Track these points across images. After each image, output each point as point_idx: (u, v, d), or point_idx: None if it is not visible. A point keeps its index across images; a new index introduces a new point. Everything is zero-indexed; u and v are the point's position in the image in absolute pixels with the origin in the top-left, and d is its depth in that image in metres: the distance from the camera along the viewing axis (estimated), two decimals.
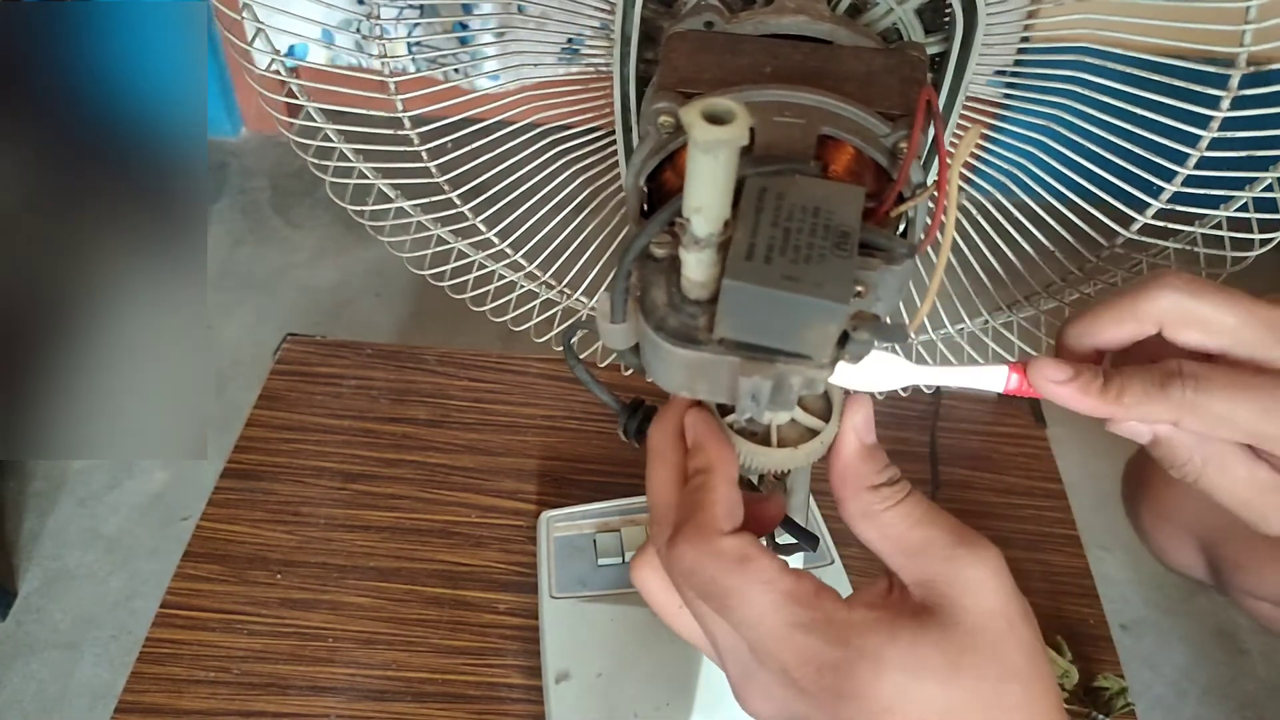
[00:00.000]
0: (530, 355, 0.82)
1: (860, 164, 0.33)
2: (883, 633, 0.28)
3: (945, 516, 0.30)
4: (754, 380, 0.27)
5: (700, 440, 0.32)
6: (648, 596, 0.33)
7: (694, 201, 0.25)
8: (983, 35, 0.39)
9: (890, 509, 0.30)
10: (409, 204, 0.48)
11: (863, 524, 0.31)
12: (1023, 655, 0.28)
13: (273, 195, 2.09)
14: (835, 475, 0.31)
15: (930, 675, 0.27)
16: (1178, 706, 1.39)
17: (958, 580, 0.28)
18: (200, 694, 0.60)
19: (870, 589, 0.31)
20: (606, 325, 0.30)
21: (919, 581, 0.29)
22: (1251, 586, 0.49)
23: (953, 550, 0.29)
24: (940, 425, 0.79)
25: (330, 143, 0.45)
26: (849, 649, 0.28)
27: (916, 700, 0.27)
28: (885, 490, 0.30)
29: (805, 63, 0.35)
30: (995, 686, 0.28)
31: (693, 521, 0.30)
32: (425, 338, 1.76)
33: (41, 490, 1.51)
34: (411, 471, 0.74)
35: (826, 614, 0.28)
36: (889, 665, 0.27)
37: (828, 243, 0.26)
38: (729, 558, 0.29)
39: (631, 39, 0.40)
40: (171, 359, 0.46)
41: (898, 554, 0.30)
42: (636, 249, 0.28)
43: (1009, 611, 0.28)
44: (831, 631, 0.28)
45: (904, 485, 0.31)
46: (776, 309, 0.26)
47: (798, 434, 0.32)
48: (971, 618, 0.28)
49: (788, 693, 0.29)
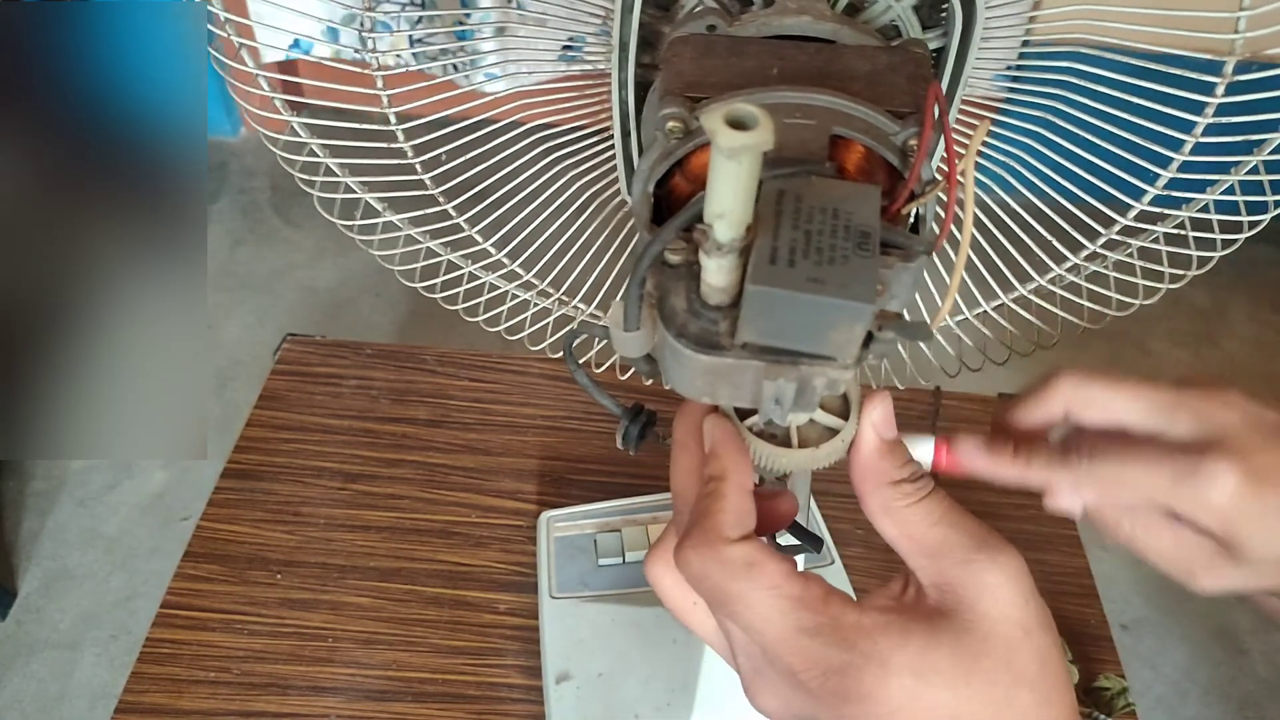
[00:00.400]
0: (530, 355, 0.82)
1: (871, 162, 0.33)
2: (893, 636, 0.28)
3: (966, 517, 0.30)
4: (778, 384, 0.27)
5: (716, 447, 0.32)
6: (661, 593, 0.33)
7: (716, 207, 0.25)
8: (981, 30, 0.39)
9: (911, 505, 0.30)
10: (397, 217, 0.48)
11: (883, 520, 0.31)
12: (1036, 662, 0.28)
13: (273, 195, 2.08)
14: (856, 471, 0.31)
15: (940, 680, 0.27)
16: (1178, 706, 1.39)
17: (974, 585, 0.28)
18: (200, 694, 0.60)
19: (883, 590, 0.31)
20: (620, 334, 0.30)
21: (936, 584, 0.29)
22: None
23: (971, 554, 0.29)
24: (940, 425, 0.79)
25: (316, 158, 0.45)
26: (856, 653, 0.28)
27: (925, 704, 0.27)
28: (906, 486, 0.30)
29: (811, 63, 0.35)
30: (1006, 693, 0.28)
31: (701, 528, 0.30)
32: (425, 338, 1.76)
33: (41, 490, 1.51)
34: (411, 471, 0.74)
35: (834, 618, 0.28)
36: (897, 669, 0.27)
37: (849, 243, 0.26)
38: (736, 565, 0.29)
39: (630, 45, 0.39)
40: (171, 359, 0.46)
41: (917, 553, 0.30)
42: (651, 256, 0.28)
43: (1025, 618, 0.28)
44: (839, 636, 0.28)
45: (926, 483, 0.31)
46: (802, 312, 0.26)
47: (817, 434, 0.32)
48: (986, 624, 0.28)
49: (796, 693, 0.29)
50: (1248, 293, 2.02)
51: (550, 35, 0.43)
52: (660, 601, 0.34)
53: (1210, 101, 0.41)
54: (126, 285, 0.45)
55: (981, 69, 0.42)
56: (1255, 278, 2.02)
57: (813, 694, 0.28)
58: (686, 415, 0.34)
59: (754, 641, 0.30)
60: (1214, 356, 1.93)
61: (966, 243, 0.29)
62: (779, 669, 0.29)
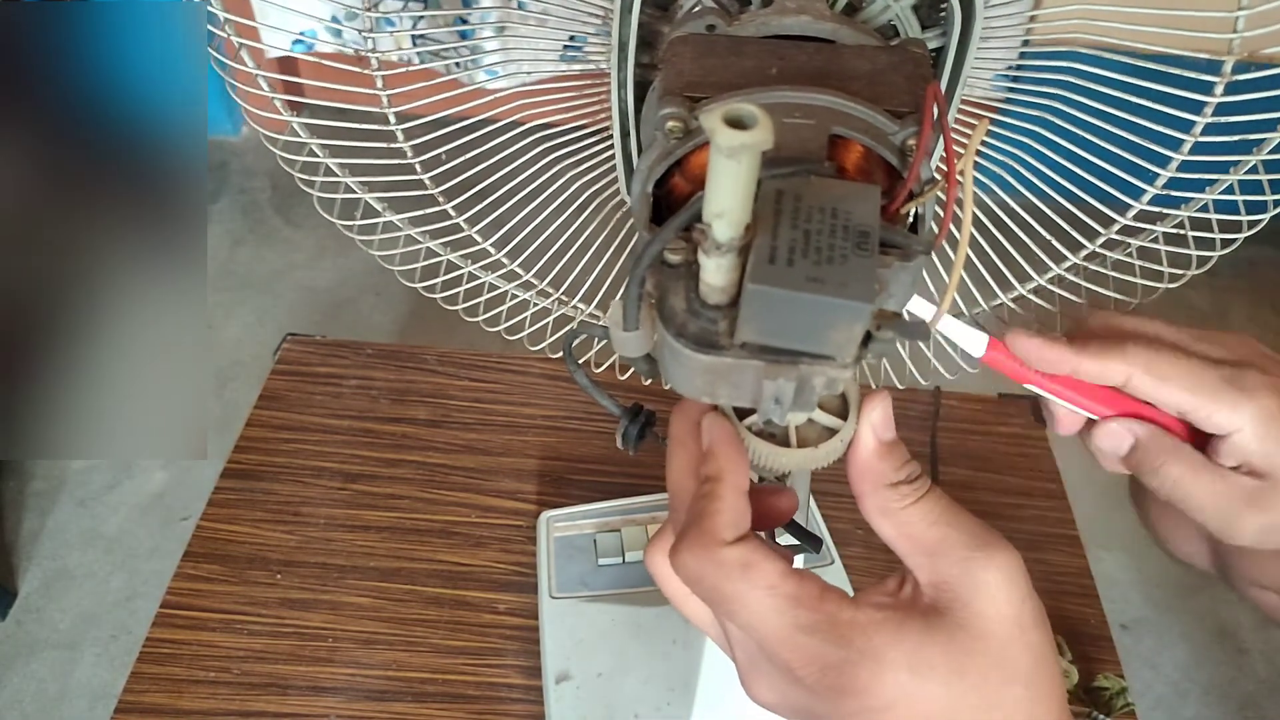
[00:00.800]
0: (530, 355, 0.82)
1: (869, 162, 0.33)
2: (888, 632, 0.28)
3: (964, 516, 0.30)
4: (777, 383, 0.27)
5: (714, 447, 0.32)
6: (660, 583, 0.33)
7: (715, 207, 0.25)
8: (980, 30, 0.39)
9: (908, 506, 0.30)
10: (397, 217, 0.48)
11: (881, 521, 0.31)
12: (1029, 658, 0.29)
13: (273, 195, 2.08)
14: (854, 472, 0.32)
15: (933, 675, 0.28)
16: (1178, 706, 1.39)
17: (971, 584, 0.29)
18: (200, 694, 0.60)
19: (879, 587, 0.31)
20: (619, 333, 0.30)
21: (933, 583, 0.29)
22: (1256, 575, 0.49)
23: (968, 553, 0.29)
24: (940, 425, 0.79)
25: (316, 158, 0.45)
26: (851, 649, 0.28)
27: (918, 699, 0.28)
28: (904, 488, 0.31)
29: (810, 63, 0.35)
30: (999, 689, 0.28)
31: (697, 530, 0.30)
32: (425, 338, 1.76)
33: (41, 490, 1.51)
34: (411, 471, 0.74)
35: (829, 615, 0.29)
36: (891, 664, 0.28)
37: (848, 243, 0.26)
38: (731, 566, 0.29)
39: (629, 44, 0.39)
40: (171, 359, 0.46)
41: (915, 553, 0.30)
42: (650, 256, 0.28)
43: (1020, 615, 0.29)
44: (835, 632, 0.28)
45: (923, 482, 0.31)
46: (801, 311, 0.26)
47: (816, 433, 0.32)
48: (982, 622, 0.28)
49: (793, 688, 0.30)
50: (1248, 294, 2.02)
51: (551, 35, 0.43)
52: (660, 594, 0.34)
53: (1209, 100, 0.41)
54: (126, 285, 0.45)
55: (981, 69, 0.42)
56: (1255, 279, 2.02)
57: (809, 689, 0.29)
58: (683, 412, 0.34)
59: (751, 638, 0.30)
60: None
61: (965, 241, 0.29)
62: (776, 664, 0.30)
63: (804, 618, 0.29)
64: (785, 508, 0.35)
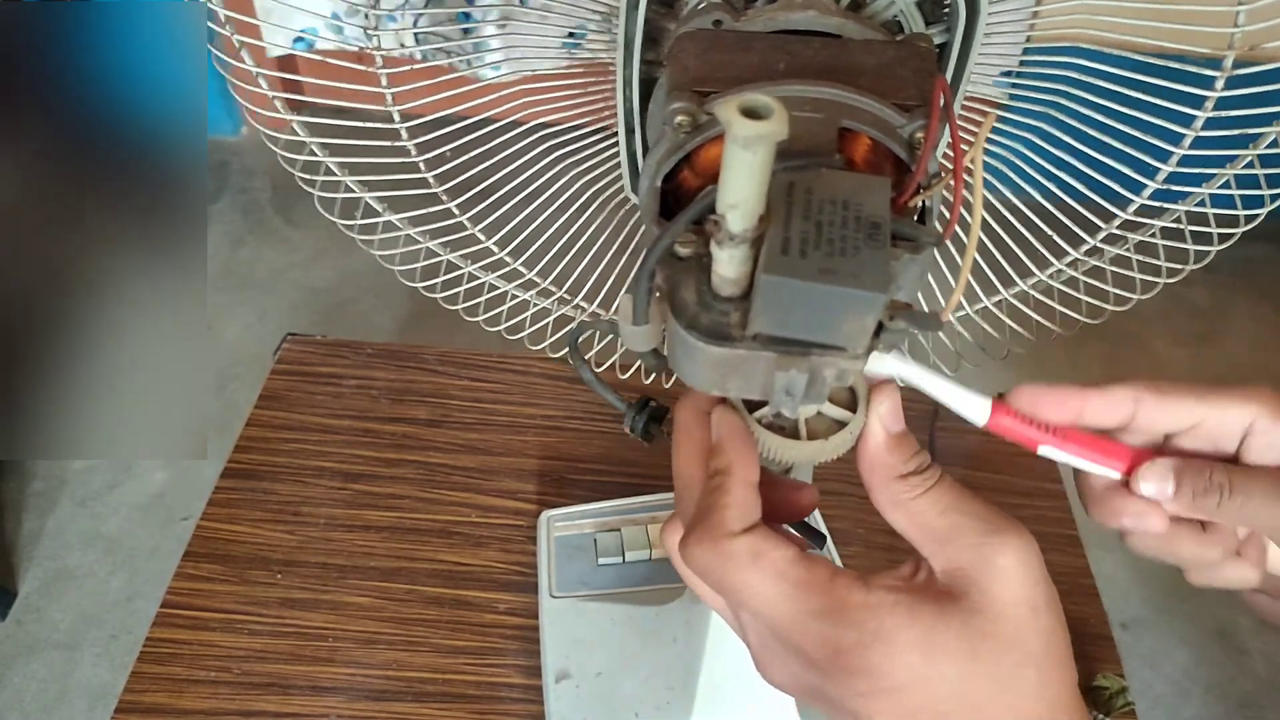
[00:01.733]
0: (531, 355, 0.82)
1: (877, 155, 0.33)
2: (900, 615, 0.28)
3: (975, 502, 0.31)
4: (789, 374, 0.27)
5: (723, 440, 0.32)
6: (676, 563, 0.34)
7: (730, 198, 0.25)
8: (984, 27, 0.39)
9: (919, 497, 0.31)
10: (397, 217, 0.48)
11: (893, 512, 0.31)
12: (1041, 641, 0.29)
13: (273, 195, 2.08)
14: (864, 465, 0.32)
15: (945, 658, 0.28)
16: (1178, 706, 1.39)
17: (985, 570, 0.29)
18: (201, 694, 0.60)
19: (893, 571, 0.31)
20: (628, 328, 0.30)
21: (947, 570, 0.30)
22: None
23: (981, 539, 0.29)
24: (940, 425, 0.79)
25: (316, 157, 0.45)
26: (864, 631, 0.28)
27: (930, 680, 0.28)
28: (914, 479, 0.31)
29: (818, 57, 0.35)
30: (1012, 671, 0.28)
31: (706, 524, 0.30)
32: (425, 337, 1.76)
33: (41, 490, 1.51)
34: (411, 471, 0.74)
35: (840, 599, 0.29)
36: (903, 646, 0.28)
37: (860, 234, 0.26)
38: (741, 557, 0.29)
39: (634, 41, 0.39)
40: (171, 359, 0.46)
41: (928, 541, 0.30)
42: (661, 249, 0.28)
43: (1034, 599, 0.29)
44: (846, 616, 0.29)
45: (934, 472, 0.31)
46: (815, 302, 0.26)
47: (825, 426, 0.33)
48: (997, 606, 0.28)
49: (806, 670, 0.30)
50: (1248, 292, 2.02)
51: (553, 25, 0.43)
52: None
53: (1209, 95, 0.41)
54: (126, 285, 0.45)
55: (984, 65, 0.42)
56: (1256, 276, 2.02)
57: (823, 671, 0.29)
58: (689, 401, 0.34)
59: (762, 624, 0.30)
60: (1214, 356, 1.93)
61: (976, 227, 0.29)
62: (788, 649, 0.30)
63: (815, 602, 0.29)
64: (806, 503, 0.36)
